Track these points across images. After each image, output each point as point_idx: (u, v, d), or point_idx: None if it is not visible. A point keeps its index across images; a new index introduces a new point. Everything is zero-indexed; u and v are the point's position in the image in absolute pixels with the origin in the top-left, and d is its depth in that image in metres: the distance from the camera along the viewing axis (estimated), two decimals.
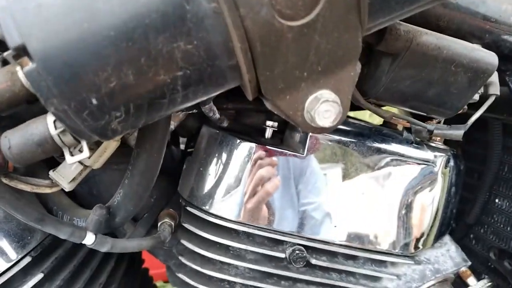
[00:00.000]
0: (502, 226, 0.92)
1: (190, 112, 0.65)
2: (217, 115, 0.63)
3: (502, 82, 0.74)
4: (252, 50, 0.33)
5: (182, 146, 0.90)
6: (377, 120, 1.08)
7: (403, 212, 0.70)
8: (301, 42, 0.34)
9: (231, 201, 0.67)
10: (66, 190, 0.51)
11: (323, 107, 0.36)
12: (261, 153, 0.65)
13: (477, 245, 0.99)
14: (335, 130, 0.68)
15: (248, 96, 0.38)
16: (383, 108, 0.64)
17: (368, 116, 1.44)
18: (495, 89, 0.54)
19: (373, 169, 0.68)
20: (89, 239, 0.54)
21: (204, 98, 0.37)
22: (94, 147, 0.49)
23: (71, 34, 0.32)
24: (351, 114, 0.91)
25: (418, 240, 0.72)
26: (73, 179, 0.50)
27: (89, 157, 0.48)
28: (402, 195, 0.69)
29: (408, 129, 0.58)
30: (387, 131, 0.71)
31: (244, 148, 0.66)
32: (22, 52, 0.32)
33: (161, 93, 0.34)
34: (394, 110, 0.67)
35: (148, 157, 0.53)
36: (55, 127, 0.38)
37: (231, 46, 0.33)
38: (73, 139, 0.38)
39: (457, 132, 0.53)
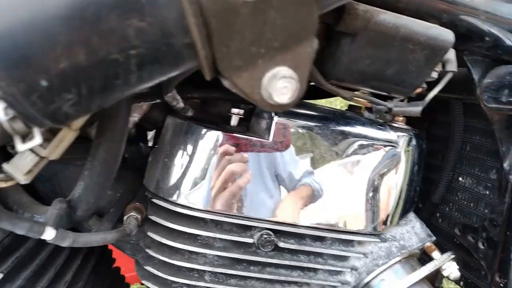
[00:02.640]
0: (465, 203, 0.95)
1: (154, 102, 0.64)
2: (181, 104, 0.62)
3: (461, 62, 0.76)
4: (207, 26, 0.32)
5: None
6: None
7: (369, 192, 0.72)
8: (257, 17, 0.34)
9: (199, 191, 0.66)
10: (22, 182, 0.48)
11: (280, 83, 0.36)
12: (229, 141, 0.64)
13: (443, 223, 1.02)
14: (299, 115, 0.68)
15: (206, 75, 0.37)
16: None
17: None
18: (452, 66, 0.55)
19: (337, 152, 0.68)
20: (49, 234, 0.52)
21: (161, 79, 0.36)
22: (50, 137, 0.47)
23: (18, 14, 0.30)
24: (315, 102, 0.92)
25: (383, 218, 0.74)
26: (29, 171, 0.48)
27: (43, 146, 0.46)
28: (366, 175, 0.71)
29: (370, 109, 0.59)
30: (350, 114, 0.72)
31: (210, 137, 0.65)
32: None
33: (114, 73, 0.33)
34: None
35: (108, 147, 0.51)
36: (5, 114, 0.36)
37: (186, 23, 0.33)
38: (25, 126, 0.36)
39: (416, 109, 0.54)
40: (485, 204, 0.89)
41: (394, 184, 0.73)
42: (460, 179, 0.97)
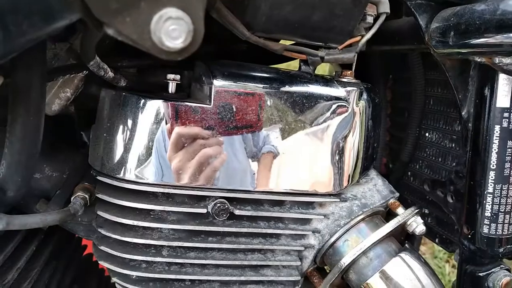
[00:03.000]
0: (433, 158, 0.93)
1: (83, 75, 0.61)
2: (110, 74, 0.59)
3: (406, 11, 0.74)
4: None
5: None
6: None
7: (323, 152, 0.69)
8: None
9: (145, 165, 0.64)
10: None
11: (168, 25, 0.33)
12: (168, 109, 0.62)
13: (415, 181, 1.00)
14: (241, 77, 0.65)
15: (91, 29, 0.34)
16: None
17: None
18: (384, 7, 0.53)
19: (285, 113, 0.66)
20: None
21: (37, 35, 0.33)
22: None
23: None
24: (282, 66, 0.89)
25: (342, 177, 0.72)
26: None
27: None
28: (318, 135, 0.69)
29: (305, 62, 0.57)
30: (294, 73, 0.69)
31: (149, 107, 0.63)
32: None
33: None
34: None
35: (25, 122, 0.49)
36: None
37: None
38: None
39: (348, 55, 0.51)
40: (452, 157, 0.87)
41: (349, 141, 0.71)
42: (427, 134, 0.95)
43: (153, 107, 0.62)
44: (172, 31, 0.33)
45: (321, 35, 0.51)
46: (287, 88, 0.66)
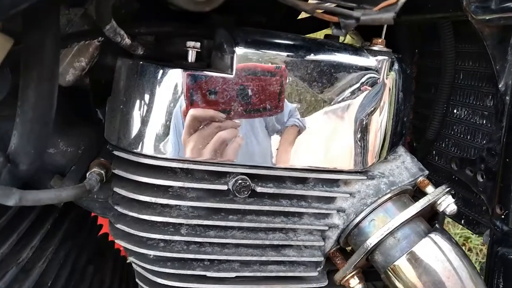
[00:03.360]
0: (462, 136, 0.89)
1: (99, 43, 0.58)
2: (127, 41, 0.56)
3: None
4: None
5: None
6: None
7: (351, 127, 0.66)
8: None
9: (164, 139, 0.60)
10: None
11: None
12: (187, 79, 0.58)
13: (440, 161, 0.96)
14: (265, 44, 0.61)
15: None
16: None
17: None
18: None
19: (311, 84, 0.62)
20: None
21: None
22: None
23: None
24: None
25: (369, 154, 0.68)
26: None
27: None
28: (347, 108, 0.65)
29: (338, 25, 0.52)
30: (322, 40, 0.65)
31: (168, 76, 0.59)
32: None
33: None
34: None
35: (37, 87, 0.46)
36: None
37: None
38: None
39: (387, 15, 0.47)
40: (482, 134, 0.82)
41: (378, 116, 0.67)
42: (455, 111, 0.90)
43: (172, 77, 0.58)
44: None
45: None
46: (313, 57, 0.62)
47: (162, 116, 0.60)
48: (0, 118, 0.57)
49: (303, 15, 0.57)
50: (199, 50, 0.60)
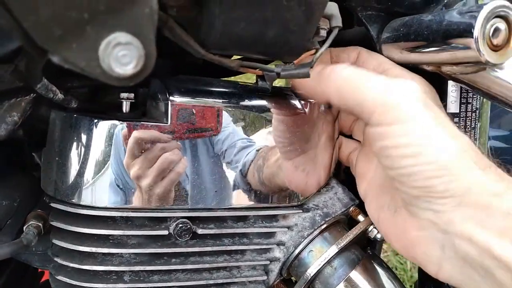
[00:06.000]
0: None
1: (30, 98, 0.58)
2: (60, 95, 0.57)
3: (358, 21, 0.75)
4: None
5: None
6: None
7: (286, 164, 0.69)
8: None
9: (101, 188, 0.61)
10: None
11: (117, 51, 0.32)
12: (123, 130, 0.60)
13: None
14: (199, 92, 0.64)
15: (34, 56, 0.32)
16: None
17: None
18: (337, 21, 0.53)
19: (244, 128, 0.65)
20: None
21: None
22: None
23: None
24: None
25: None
26: None
27: None
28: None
29: (262, 77, 0.57)
30: (252, 86, 0.69)
31: (102, 128, 0.60)
32: None
33: None
34: None
35: None
36: None
37: None
38: None
39: (304, 70, 0.51)
40: None
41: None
42: None
43: (107, 128, 0.60)
44: (122, 57, 0.32)
45: (276, 51, 0.51)
46: (245, 103, 0.65)
47: (97, 166, 0.61)
48: None
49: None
50: (133, 101, 0.62)
